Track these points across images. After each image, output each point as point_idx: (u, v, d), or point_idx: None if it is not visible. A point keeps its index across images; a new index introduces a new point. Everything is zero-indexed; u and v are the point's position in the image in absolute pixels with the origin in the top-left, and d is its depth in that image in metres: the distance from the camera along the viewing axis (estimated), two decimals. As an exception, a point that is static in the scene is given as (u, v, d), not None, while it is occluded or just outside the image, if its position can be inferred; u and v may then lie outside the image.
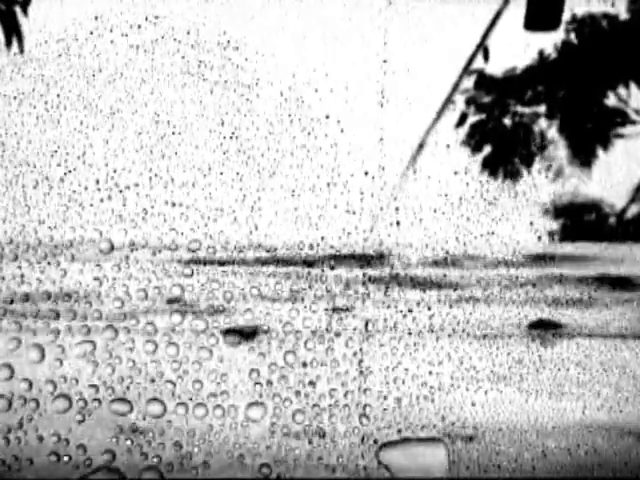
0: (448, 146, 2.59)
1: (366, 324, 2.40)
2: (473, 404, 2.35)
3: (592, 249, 2.61)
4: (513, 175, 2.62)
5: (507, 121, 2.70)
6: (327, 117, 2.49)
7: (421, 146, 2.63)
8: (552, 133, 2.68)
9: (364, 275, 2.46)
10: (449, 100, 2.69)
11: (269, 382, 2.25)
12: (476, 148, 2.65)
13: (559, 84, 2.67)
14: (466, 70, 2.72)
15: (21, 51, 2.38)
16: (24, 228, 2.25)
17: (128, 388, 2.19)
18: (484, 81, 2.70)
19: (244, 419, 2.20)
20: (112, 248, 2.26)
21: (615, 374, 2.48)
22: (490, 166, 2.62)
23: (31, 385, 2.13)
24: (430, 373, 2.35)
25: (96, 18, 2.36)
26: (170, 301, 2.31)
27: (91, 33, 2.36)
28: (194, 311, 2.33)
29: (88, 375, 2.18)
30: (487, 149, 2.66)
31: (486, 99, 2.70)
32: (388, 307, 2.41)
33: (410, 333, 2.38)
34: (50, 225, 2.27)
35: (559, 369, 2.45)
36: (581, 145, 2.65)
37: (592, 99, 2.67)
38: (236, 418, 2.20)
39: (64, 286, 2.25)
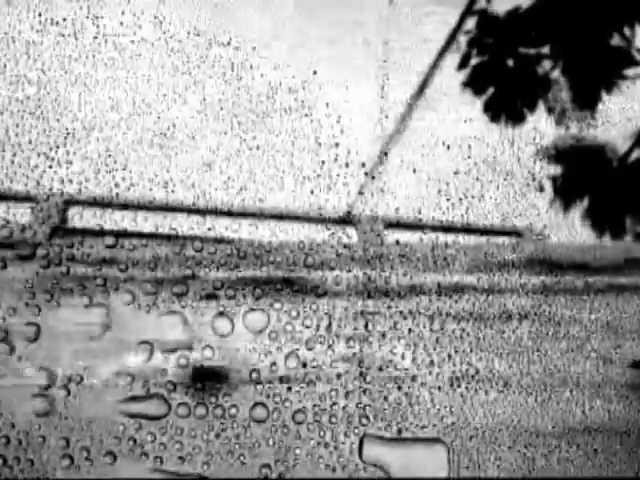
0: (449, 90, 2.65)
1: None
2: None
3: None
4: (515, 118, 2.67)
5: (510, 63, 2.71)
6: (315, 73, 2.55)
7: (422, 89, 2.69)
8: (556, 75, 2.69)
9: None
10: (451, 41, 2.70)
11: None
12: (478, 90, 2.69)
13: (563, 25, 2.65)
14: (469, 11, 2.71)
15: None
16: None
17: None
18: (487, 22, 2.69)
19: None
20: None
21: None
22: (492, 109, 2.67)
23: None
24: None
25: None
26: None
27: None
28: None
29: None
30: (490, 91, 2.69)
31: (489, 40, 2.69)
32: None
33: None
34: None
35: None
36: (585, 87, 2.67)
37: (596, 40, 2.65)
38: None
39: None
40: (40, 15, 2.42)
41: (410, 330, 2.42)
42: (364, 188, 2.60)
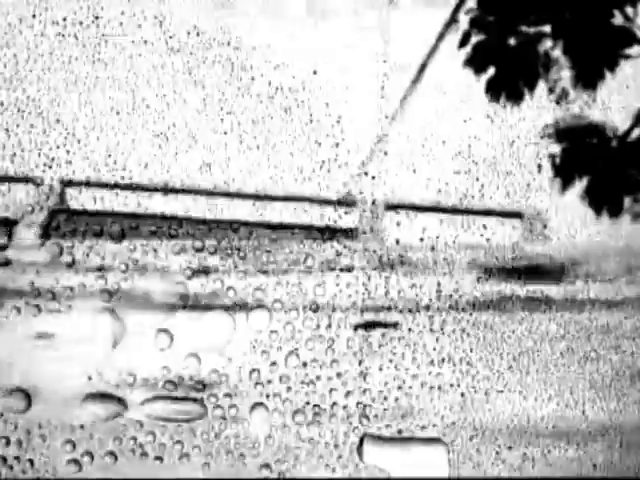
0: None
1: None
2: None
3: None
4: (515, 97, 2.67)
5: (511, 41, 2.69)
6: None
7: (423, 67, 2.69)
8: (557, 53, 2.67)
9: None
10: (453, 20, 2.68)
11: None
12: (479, 69, 2.68)
13: (564, 3, 2.62)
14: (470, -11, 2.68)
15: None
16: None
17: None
18: (488, 0, 2.66)
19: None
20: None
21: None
22: (494, 88, 2.67)
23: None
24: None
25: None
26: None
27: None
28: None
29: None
30: (491, 71, 2.69)
31: (490, 18, 2.67)
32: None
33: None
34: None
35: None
36: (586, 66, 2.65)
37: (598, 18, 2.62)
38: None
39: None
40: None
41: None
42: (364, 169, 2.64)
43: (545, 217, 2.66)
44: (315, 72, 2.52)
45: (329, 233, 2.60)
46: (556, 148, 2.67)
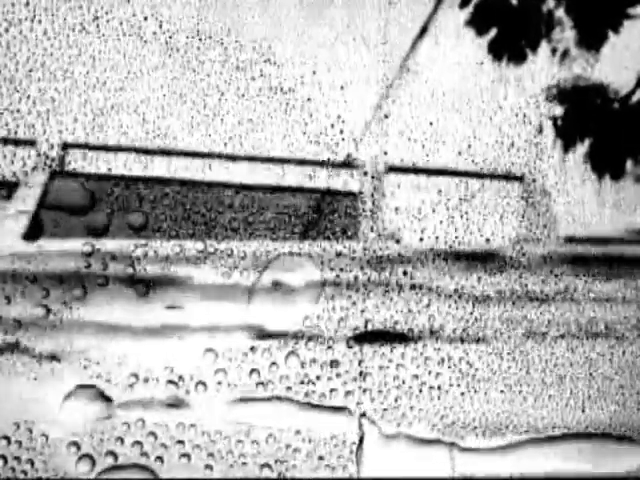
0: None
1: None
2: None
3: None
4: (518, 58, 2.64)
5: (513, 1, 2.66)
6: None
7: (424, 30, 2.66)
8: (560, 13, 2.64)
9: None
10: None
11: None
12: (481, 30, 2.65)
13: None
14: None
15: None
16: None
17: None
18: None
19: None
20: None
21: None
22: (496, 49, 2.64)
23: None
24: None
25: None
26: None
27: None
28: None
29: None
30: (493, 31, 2.66)
31: (492, -23, 2.64)
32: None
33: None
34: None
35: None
36: (589, 26, 2.62)
37: (602, -22, 2.59)
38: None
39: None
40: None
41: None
42: (366, 131, 2.62)
43: (546, 179, 2.64)
44: (314, 72, 2.51)
45: (330, 197, 2.59)
46: (558, 110, 2.65)
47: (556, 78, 2.64)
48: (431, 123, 2.60)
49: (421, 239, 2.55)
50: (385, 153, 2.58)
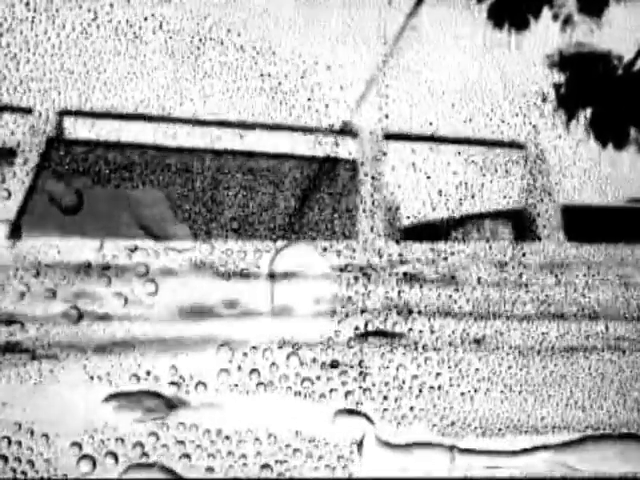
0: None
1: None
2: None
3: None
4: (519, 25, 2.61)
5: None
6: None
7: (420, 1, 2.64)
8: (562, -21, 2.61)
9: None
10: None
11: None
12: (482, -4, 2.62)
13: None
14: None
15: None
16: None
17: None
18: None
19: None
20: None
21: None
22: (496, 15, 2.61)
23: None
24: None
25: None
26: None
27: None
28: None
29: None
30: (493, -3, 2.63)
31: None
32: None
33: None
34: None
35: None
36: (592, -8, 2.59)
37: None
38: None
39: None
40: None
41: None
42: (364, 98, 2.60)
43: (546, 149, 2.62)
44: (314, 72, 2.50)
45: (329, 164, 2.57)
46: (561, 77, 2.62)
47: (558, 45, 2.61)
48: (428, 90, 2.57)
49: (419, 211, 2.53)
50: (386, 117, 2.55)
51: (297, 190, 2.54)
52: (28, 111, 2.42)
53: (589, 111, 2.60)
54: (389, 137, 2.61)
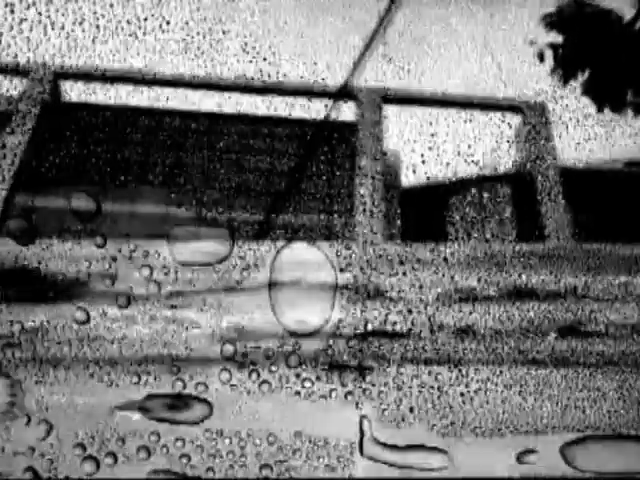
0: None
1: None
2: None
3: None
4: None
5: None
6: None
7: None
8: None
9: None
10: None
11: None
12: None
13: None
14: None
15: None
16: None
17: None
18: None
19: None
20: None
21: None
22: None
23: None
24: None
25: None
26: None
27: None
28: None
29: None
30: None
31: None
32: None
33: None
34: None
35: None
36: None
37: None
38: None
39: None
40: None
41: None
42: (362, 60, 2.58)
43: (546, 110, 2.61)
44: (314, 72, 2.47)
45: (328, 126, 2.56)
46: (559, 38, 2.61)
47: (557, 4, 2.60)
48: (428, 53, 2.56)
49: (415, 170, 2.53)
50: (382, 82, 2.54)
51: (295, 154, 2.53)
52: (24, 74, 2.38)
53: (587, 73, 2.60)
54: (387, 100, 2.60)
